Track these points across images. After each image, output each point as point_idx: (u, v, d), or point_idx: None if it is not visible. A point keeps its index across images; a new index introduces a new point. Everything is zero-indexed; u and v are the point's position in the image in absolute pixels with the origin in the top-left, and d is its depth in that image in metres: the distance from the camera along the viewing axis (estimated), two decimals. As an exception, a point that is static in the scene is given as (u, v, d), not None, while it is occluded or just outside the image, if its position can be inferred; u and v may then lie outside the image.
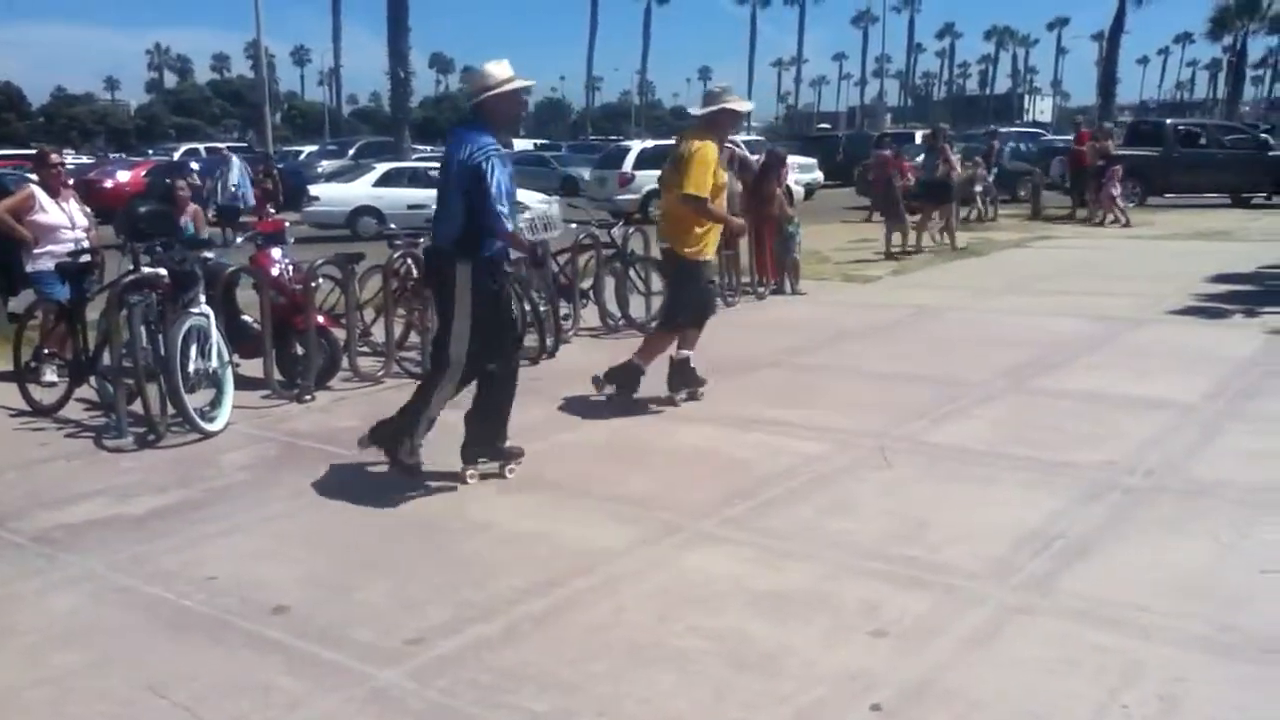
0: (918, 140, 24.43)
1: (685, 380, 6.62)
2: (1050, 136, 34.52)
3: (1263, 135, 24.70)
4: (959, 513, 4.66)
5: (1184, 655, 3.39)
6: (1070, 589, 3.87)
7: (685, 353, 6.59)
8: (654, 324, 9.20)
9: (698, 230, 6.30)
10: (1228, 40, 60.83)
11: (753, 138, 35.61)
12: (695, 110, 6.53)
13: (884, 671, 3.32)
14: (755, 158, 12.56)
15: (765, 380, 7.32)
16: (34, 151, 9.82)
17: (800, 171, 24.39)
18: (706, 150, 6.13)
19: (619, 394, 6.54)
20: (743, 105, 6.45)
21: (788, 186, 12.49)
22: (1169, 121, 26.19)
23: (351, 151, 33.38)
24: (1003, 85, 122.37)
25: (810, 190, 24.93)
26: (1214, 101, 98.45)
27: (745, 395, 6.74)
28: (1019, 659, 3.39)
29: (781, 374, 7.55)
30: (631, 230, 9.88)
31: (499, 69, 4.94)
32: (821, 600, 3.82)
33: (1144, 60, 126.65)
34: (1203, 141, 23.19)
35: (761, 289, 11.18)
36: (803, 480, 5.14)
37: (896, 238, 14.59)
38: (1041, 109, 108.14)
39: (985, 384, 6.96)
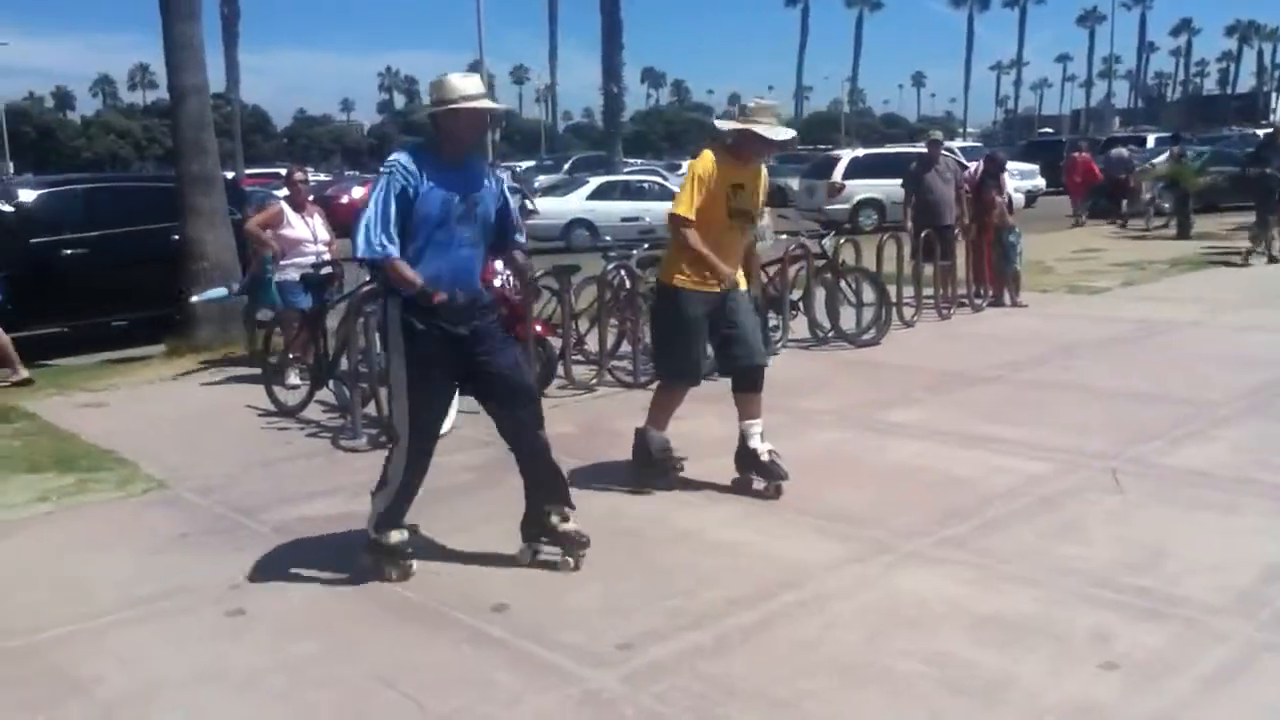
0: (1150, 144, 23.13)
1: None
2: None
3: None
4: (1198, 541, 4.36)
5: None
6: (1328, 630, 3.55)
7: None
8: (866, 334, 9.06)
9: (682, 252, 5.16)
10: None
11: (969, 144, 34.49)
12: (719, 123, 5.50)
13: (1115, 706, 3.13)
14: (973, 165, 12.16)
15: (985, 395, 7.07)
16: (283, 170, 10.60)
17: (1021, 178, 23.44)
18: (697, 165, 5.17)
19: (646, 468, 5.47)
20: (773, 132, 5.04)
21: (1009, 194, 12.03)
22: None
23: (566, 166, 34.40)
24: (1246, 84, 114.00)
25: (1032, 197, 23.91)
26: None
27: (964, 410, 6.52)
28: (1268, 701, 3.13)
29: (1002, 389, 7.26)
30: (842, 241, 9.74)
31: (464, 83, 4.19)
32: (1047, 628, 3.64)
33: None
34: None
35: (979, 300, 10.81)
36: (1026, 501, 4.92)
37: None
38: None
39: (1225, 404, 6.49)
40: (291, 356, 7.72)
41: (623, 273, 8.11)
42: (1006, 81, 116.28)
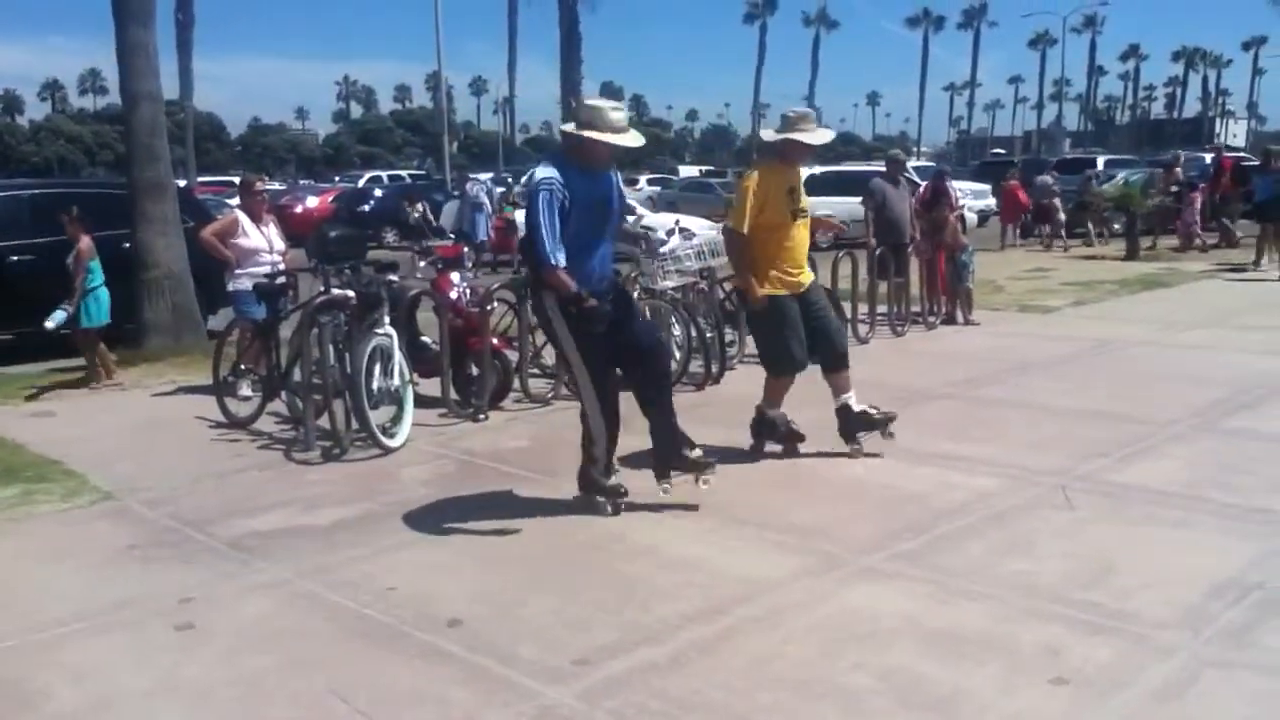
0: (1100, 166, 23.57)
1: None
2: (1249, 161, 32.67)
3: None
4: (1147, 557, 4.43)
5: (1403, 724, 3.13)
6: (1271, 644, 3.62)
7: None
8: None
9: (754, 265, 5.81)
10: None
11: (923, 163, 34.90)
12: (764, 134, 6.15)
13: (1065, 721, 3.18)
14: (924, 184, 12.32)
15: (938, 412, 7.14)
16: (237, 179, 10.50)
17: (973, 198, 23.75)
18: (748, 182, 5.80)
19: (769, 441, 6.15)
20: (813, 138, 5.83)
21: (962, 212, 12.18)
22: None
23: (524, 179, 34.30)
24: (1192, 108, 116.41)
25: (984, 217, 24.21)
26: None
27: (917, 427, 6.58)
28: (1214, 717, 3.19)
29: (955, 406, 7.35)
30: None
31: (616, 116, 4.85)
32: (997, 643, 3.68)
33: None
34: None
35: (932, 318, 10.92)
36: (978, 517, 4.98)
37: None
38: (1235, 133, 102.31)
39: (1175, 422, 6.60)
40: (244, 367, 7.63)
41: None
42: (960, 102, 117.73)
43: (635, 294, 8.51)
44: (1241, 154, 46.41)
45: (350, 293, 6.60)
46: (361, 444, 6.31)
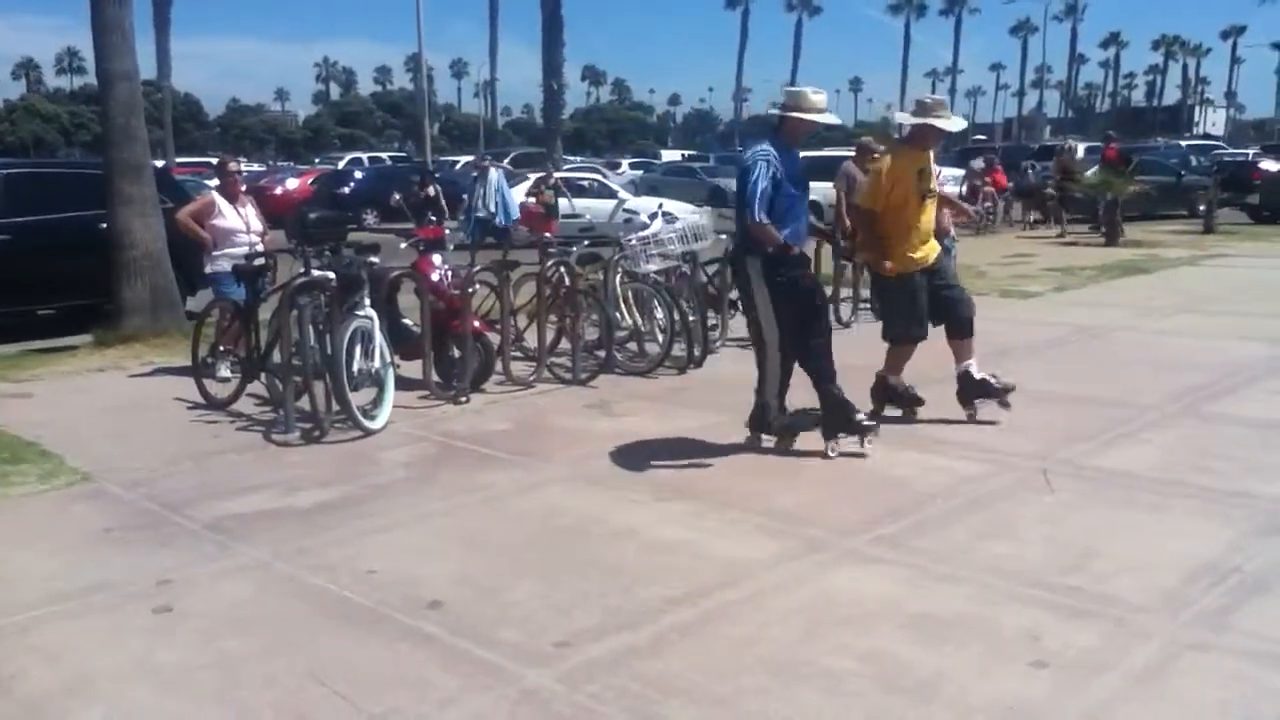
0: (1080, 154, 23.70)
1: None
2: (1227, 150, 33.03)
3: None
4: (1126, 542, 4.45)
5: (1379, 706, 3.15)
6: (1248, 627, 3.64)
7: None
8: None
9: (885, 242, 6.21)
10: None
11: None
12: (900, 117, 6.54)
13: (1044, 705, 3.18)
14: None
15: (934, 396, 7.13)
16: (215, 160, 10.39)
17: (955, 184, 23.79)
18: (881, 163, 6.27)
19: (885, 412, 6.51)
20: (949, 124, 6.24)
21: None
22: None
23: (505, 162, 34.18)
24: (1171, 96, 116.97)
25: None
26: None
27: (901, 411, 6.59)
28: (1192, 699, 3.20)
29: (936, 391, 7.32)
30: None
31: (816, 98, 5.60)
32: (978, 626, 3.69)
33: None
34: None
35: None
36: (960, 501, 4.99)
37: None
38: (1214, 121, 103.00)
39: (1155, 407, 6.64)
40: (223, 349, 7.57)
41: (562, 270, 8.08)
42: (942, 89, 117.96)
43: (617, 278, 8.51)
44: (1217, 142, 46.81)
45: (330, 274, 6.54)
46: (342, 426, 6.27)
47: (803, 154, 5.87)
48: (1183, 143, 43.57)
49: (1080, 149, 25.21)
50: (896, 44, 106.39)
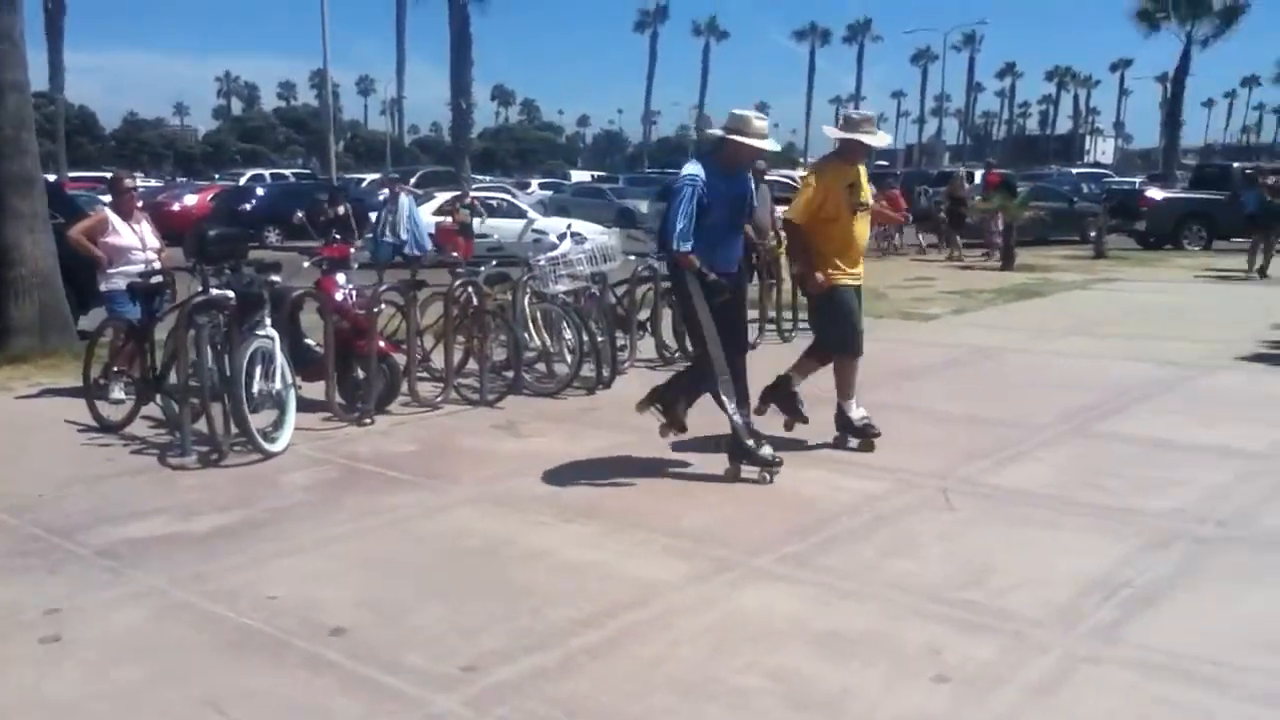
0: (977, 180, 24.42)
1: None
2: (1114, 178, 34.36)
3: None
4: (1022, 557, 4.57)
5: (1260, 711, 3.29)
6: (1139, 639, 3.77)
7: (842, 401, 6.51)
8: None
9: (816, 256, 6.19)
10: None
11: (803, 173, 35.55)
12: (827, 130, 6.50)
13: (947, 718, 3.25)
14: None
15: (824, 416, 7.24)
16: (109, 175, 10.08)
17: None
18: (811, 178, 6.31)
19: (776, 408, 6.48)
20: (874, 139, 6.23)
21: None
22: (1236, 165, 25.86)
23: (413, 180, 33.85)
24: (1064, 126, 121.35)
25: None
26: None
27: (804, 432, 6.67)
28: (1086, 711, 3.30)
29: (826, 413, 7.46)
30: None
31: (759, 124, 5.54)
32: (882, 642, 3.75)
33: (1209, 103, 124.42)
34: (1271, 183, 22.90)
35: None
36: (863, 519, 5.07)
37: None
38: (1103, 150, 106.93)
39: (1048, 427, 6.84)
40: (117, 369, 7.32)
41: (470, 289, 8.02)
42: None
43: (526, 298, 8.48)
44: (1106, 170, 48.62)
45: (230, 293, 6.39)
46: (241, 449, 6.12)
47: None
48: (1074, 170, 45.23)
49: (979, 175, 26.00)
50: (801, 70, 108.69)
